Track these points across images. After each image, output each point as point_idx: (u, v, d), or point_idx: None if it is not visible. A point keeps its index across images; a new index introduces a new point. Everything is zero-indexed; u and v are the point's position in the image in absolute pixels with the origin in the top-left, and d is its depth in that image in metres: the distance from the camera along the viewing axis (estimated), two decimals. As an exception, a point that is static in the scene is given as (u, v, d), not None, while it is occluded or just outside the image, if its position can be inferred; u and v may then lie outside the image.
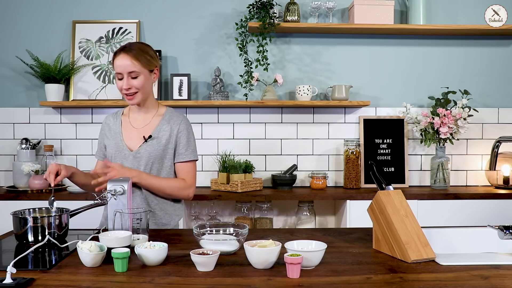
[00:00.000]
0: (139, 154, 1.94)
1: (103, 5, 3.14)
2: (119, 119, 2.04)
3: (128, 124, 2.02)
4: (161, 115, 2.01)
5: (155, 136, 1.95)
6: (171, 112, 2.04)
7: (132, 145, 1.96)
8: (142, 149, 1.94)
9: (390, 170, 3.16)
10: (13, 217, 1.63)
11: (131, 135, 1.98)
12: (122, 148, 1.96)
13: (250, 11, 2.99)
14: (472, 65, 3.24)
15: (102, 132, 2.07)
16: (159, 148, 1.94)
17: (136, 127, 2.00)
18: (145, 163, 1.93)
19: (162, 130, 1.97)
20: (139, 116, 2.01)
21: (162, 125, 1.98)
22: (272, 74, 3.15)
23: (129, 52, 1.88)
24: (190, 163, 2.00)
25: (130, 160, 1.94)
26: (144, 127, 1.99)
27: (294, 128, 3.20)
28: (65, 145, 3.14)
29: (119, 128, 2.01)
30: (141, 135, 1.96)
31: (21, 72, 3.12)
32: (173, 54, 3.16)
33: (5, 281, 1.17)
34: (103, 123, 2.08)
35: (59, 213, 1.70)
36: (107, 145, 2.02)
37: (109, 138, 2.02)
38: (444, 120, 2.96)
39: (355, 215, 2.80)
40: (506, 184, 3.06)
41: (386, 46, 3.21)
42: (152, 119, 2.00)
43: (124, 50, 1.89)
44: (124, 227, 1.60)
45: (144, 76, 1.91)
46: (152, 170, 1.94)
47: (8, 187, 2.99)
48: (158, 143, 1.95)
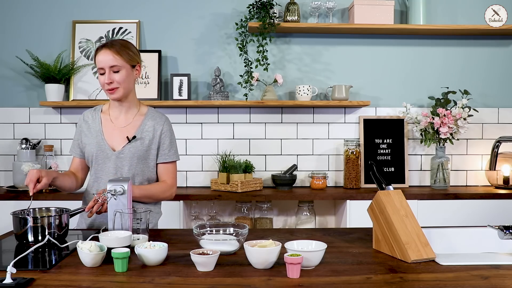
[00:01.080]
0: (122, 155, 1.91)
1: (103, 5, 3.14)
2: (98, 116, 1.99)
3: (108, 122, 1.98)
4: (143, 114, 1.99)
5: (139, 137, 1.93)
6: (153, 112, 2.02)
7: (115, 145, 1.94)
8: (125, 149, 1.91)
9: (390, 170, 3.16)
10: (13, 217, 1.63)
11: (113, 135, 1.95)
12: (104, 148, 1.93)
13: (250, 11, 2.99)
14: (472, 65, 3.24)
15: (80, 129, 2.01)
16: (142, 148, 1.93)
17: (118, 126, 1.96)
18: (129, 164, 1.91)
19: (145, 130, 1.95)
20: (120, 114, 1.98)
21: (144, 125, 1.96)
22: (272, 74, 3.15)
23: (111, 47, 1.87)
24: (172, 163, 2.01)
25: (113, 160, 1.91)
26: (126, 127, 1.96)
27: (294, 128, 3.20)
28: (65, 145, 3.14)
29: (99, 126, 1.97)
30: (124, 135, 1.93)
31: (21, 72, 3.12)
32: (173, 54, 3.16)
33: (5, 281, 1.17)
34: (81, 119, 2.02)
35: (59, 213, 1.70)
36: (87, 143, 1.96)
37: (89, 136, 1.97)
38: (444, 120, 2.96)
39: (355, 215, 2.80)
40: (506, 184, 3.06)
41: (386, 46, 3.21)
42: (134, 118, 1.98)
43: (106, 46, 1.88)
44: (124, 227, 1.60)
45: (126, 71, 1.89)
46: (136, 170, 1.92)
47: (8, 187, 2.99)
48: (142, 143, 1.93)
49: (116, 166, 1.91)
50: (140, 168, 1.93)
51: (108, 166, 1.92)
